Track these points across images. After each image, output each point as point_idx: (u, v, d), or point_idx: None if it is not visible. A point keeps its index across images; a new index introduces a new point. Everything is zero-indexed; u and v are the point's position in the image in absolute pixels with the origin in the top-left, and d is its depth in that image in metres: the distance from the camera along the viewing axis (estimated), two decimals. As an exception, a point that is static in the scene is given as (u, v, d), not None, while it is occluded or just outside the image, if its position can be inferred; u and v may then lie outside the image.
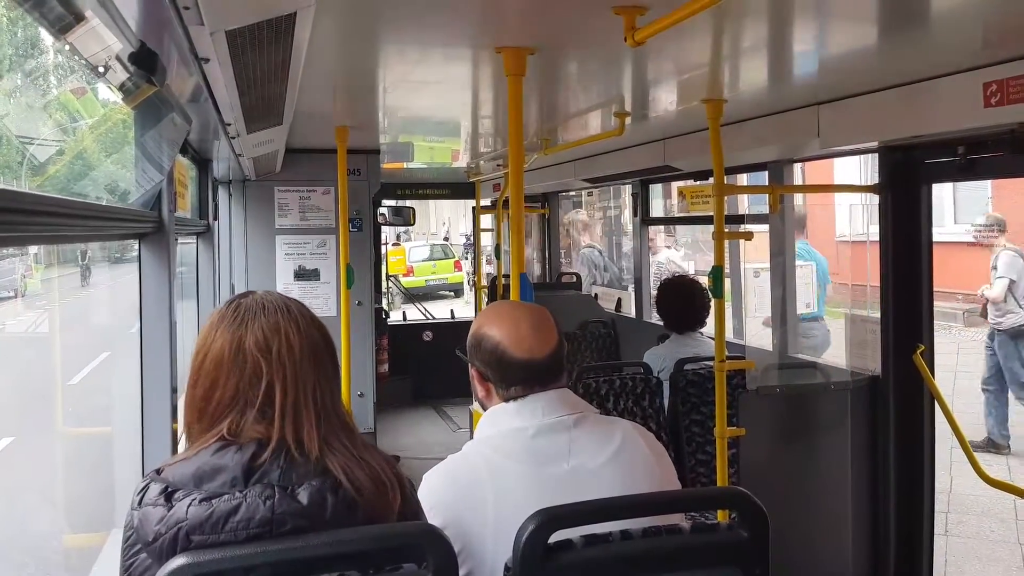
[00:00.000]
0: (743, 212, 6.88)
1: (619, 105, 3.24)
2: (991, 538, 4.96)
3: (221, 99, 2.13)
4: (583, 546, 1.32)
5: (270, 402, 1.28)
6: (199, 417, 1.31)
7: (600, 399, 3.46)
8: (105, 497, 2.64)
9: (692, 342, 3.79)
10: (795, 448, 3.14)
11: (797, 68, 2.61)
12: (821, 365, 3.34)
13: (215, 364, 1.30)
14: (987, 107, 2.27)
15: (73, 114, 2.82)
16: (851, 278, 3.81)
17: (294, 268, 4.99)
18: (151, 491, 1.22)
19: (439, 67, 2.57)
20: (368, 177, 5.06)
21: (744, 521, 1.39)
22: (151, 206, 2.30)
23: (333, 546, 1.20)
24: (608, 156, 5.03)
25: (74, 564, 2.69)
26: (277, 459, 1.25)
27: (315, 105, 3.19)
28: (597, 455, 1.54)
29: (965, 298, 11.66)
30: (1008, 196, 10.98)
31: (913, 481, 3.10)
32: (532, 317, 1.63)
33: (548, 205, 7.33)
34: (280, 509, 1.20)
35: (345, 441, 1.31)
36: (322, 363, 1.34)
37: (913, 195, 3.04)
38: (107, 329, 5.02)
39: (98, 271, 5.47)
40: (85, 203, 1.73)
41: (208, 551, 1.17)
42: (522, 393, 1.58)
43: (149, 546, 1.19)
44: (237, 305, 1.35)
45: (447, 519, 1.44)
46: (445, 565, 1.24)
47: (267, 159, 4.10)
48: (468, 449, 1.60)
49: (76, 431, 3.66)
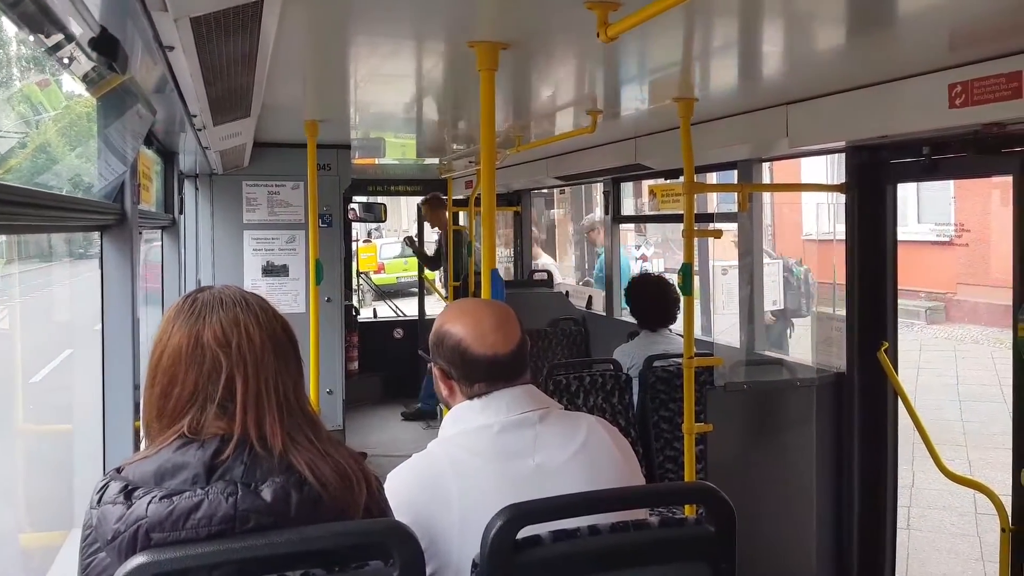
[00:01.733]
0: (712, 211, 6.94)
1: (591, 103, 3.24)
2: (951, 531, 5.07)
3: (187, 89, 2.09)
4: (551, 542, 1.32)
5: (231, 396, 1.26)
6: (158, 415, 1.28)
7: (570, 395, 3.47)
8: (65, 495, 2.58)
9: (662, 339, 3.82)
10: (761, 444, 3.18)
11: (767, 68, 2.63)
12: (788, 362, 3.38)
13: (172, 360, 1.27)
14: (952, 108, 2.31)
15: (36, 106, 2.75)
16: (817, 276, 3.86)
17: (262, 264, 4.93)
18: (111, 489, 1.19)
19: (411, 61, 2.55)
20: (339, 172, 5.02)
21: (711, 516, 1.40)
22: (113, 198, 2.25)
23: (298, 543, 1.18)
24: (580, 154, 5.04)
25: (33, 563, 2.63)
26: (240, 455, 1.23)
27: (284, 98, 3.15)
28: (562, 451, 1.54)
29: (928, 296, 11.92)
30: (968, 197, 11.23)
31: (877, 476, 3.15)
32: (494, 314, 1.62)
33: (520, 203, 7.33)
34: (243, 506, 1.17)
35: (310, 435, 1.29)
36: (284, 356, 1.31)
37: (879, 194, 3.08)
38: (70, 326, 4.91)
39: (61, 267, 5.35)
40: (44, 192, 1.68)
41: (168, 549, 1.14)
42: (486, 390, 1.57)
43: (108, 544, 1.17)
44: (194, 300, 1.32)
45: (413, 517, 1.43)
46: (412, 562, 1.23)
47: (235, 152, 4.04)
48: (433, 447, 1.59)
49: (36, 428, 3.58)
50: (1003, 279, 9.75)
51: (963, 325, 11.54)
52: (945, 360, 9.85)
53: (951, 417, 7.38)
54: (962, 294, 11.84)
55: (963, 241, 11.43)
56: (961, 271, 11.86)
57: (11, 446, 3.32)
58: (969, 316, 11.62)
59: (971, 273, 11.70)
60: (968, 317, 11.63)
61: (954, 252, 12.03)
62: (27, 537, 2.79)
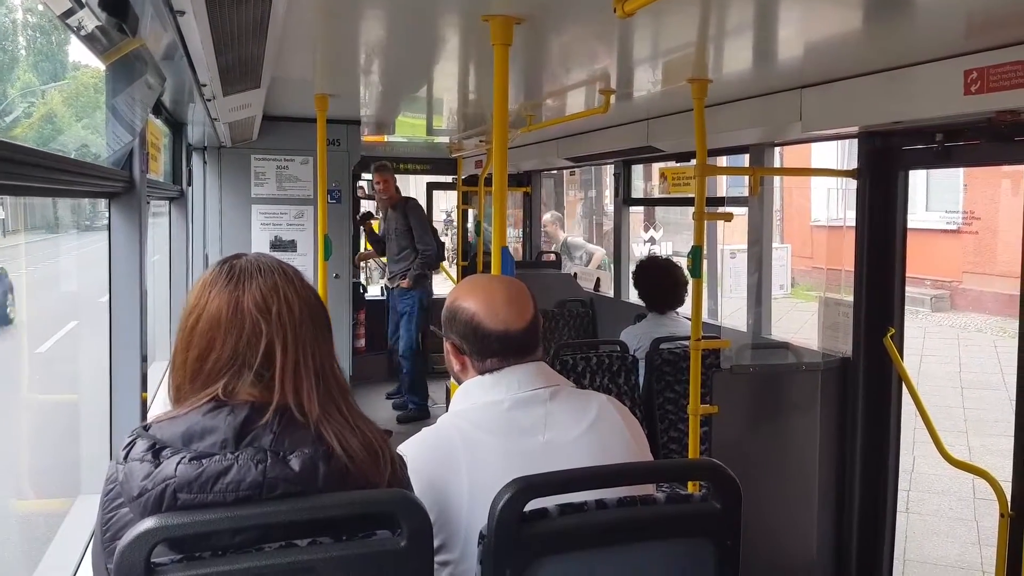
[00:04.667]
0: (722, 195, 6.91)
1: (605, 82, 3.22)
2: (949, 516, 5.09)
3: (196, 57, 2.08)
4: (558, 515, 1.33)
5: (268, 364, 1.26)
6: (192, 379, 1.27)
7: (576, 376, 3.48)
8: (72, 463, 2.60)
9: (669, 322, 3.82)
10: (766, 426, 3.18)
11: (782, 50, 2.60)
12: (794, 346, 3.38)
13: (211, 324, 1.26)
14: (967, 95, 2.29)
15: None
16: (826, 262, 3.85)
17: (270, 238, 4.93)
18: (138, 446, 1.20)
19: (424, 34, 2.53)
20: (348, 148, 5.00)
21: (717, 493, 1.40)
22: (121, 165, 2.24)
23: (306, 511, 1.19)
24: (591, 135, 5.01)
25: (38, 529, 2.66)
26: (271, 424, 1.23)
27: (294, 70, 3.13)
28: (572, 428, 1.54)
29: (933, 284, 11.89)
30: (979, 186, 11.16)
31: (878, 460, 3.16)
32: (507, 289, 1.62)
33: (530, 184, 7.31)
34: (272, 474, 1.18)
35: (342, 406, 1.29)
36: (320, 325, 1.32)
37: (890, 181, 3.06)
38: (76, 298, 4.93)
39: (67, 239, 5.36)
40: (53, 154, 1.67)
41: (178, 514, 1.15)
42: (498, 366, 1.57)
43: (134, 501, 1.17)
44: (231, 266, 1.31)
45: (422, 489, 1.44)
46: (419, 532, 1.23)
47: (244, 125, 4.03)
48: (443, 422, 1.59)
49: (42, 398, 3.61)
50: (1009, 268, 9.71)
51: (968, 313, 11.52)
52: (949, 348, 9.84)
53: (953, 404, 7.39)
54: (968, 283, 11.81)
55: (972, 229, 11.36)
56: (967, 260, 11.82)
57: (17, 415, 3.34)
58: (974, 305, 11.60)
59: (977, 262, 11.66)
60: (973, 306, 11.60)
61: (961, 241, 11.98)
62: (32, 504, 2.81)
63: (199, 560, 1.15)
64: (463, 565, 1.44)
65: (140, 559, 1.11)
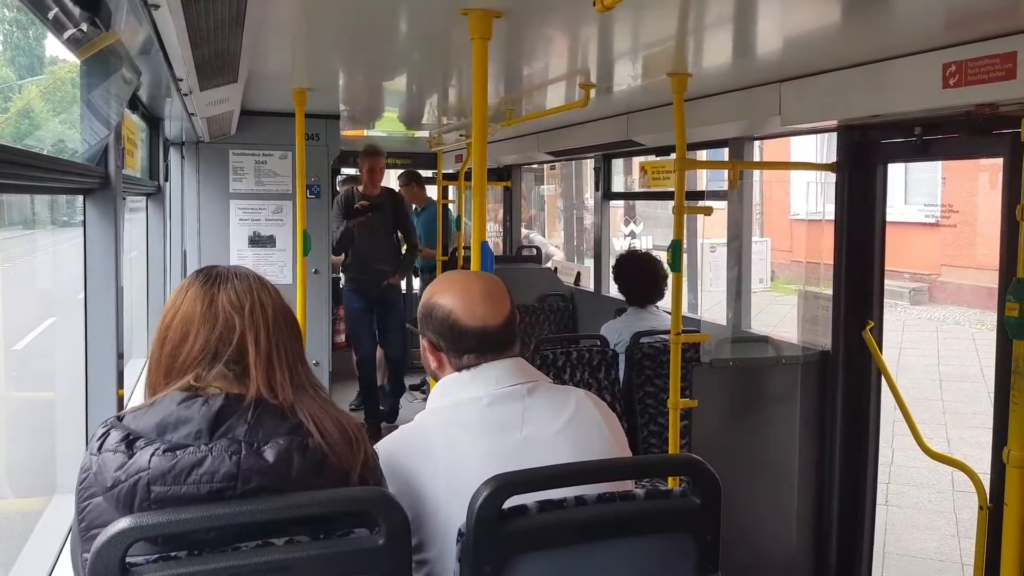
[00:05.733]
0: (702, 189, 6.94)
1: (585, 76, 3.21)
2: (928, 508, 5.16)
3: (172, 51, 2.05)
4: (537, 511, 1.32)
5: (240, 357, 1.28)
6: (166, 374, 1.30)
7: (557, 370, 3.48)
8: (48, 462, 2.57)
9: (649, 316, 3.83)
10: (745, 420, 3.20)
11: (761, 43, 2.61)
12: (774, 340, 3.39)
13: (185, 320, 1.30)
14: (945, 88, 2.30)
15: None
16: (805, 255, 3.87)
17: (248, 234, 4.88)
18: (111, 437, 1.20)
19: (402, 28, 2.51)
20: (327, 143, 4.96)
21: (697, 488, 1.41)
22: (97, 161, 2.21)
23: (284, 510, 1.19)
24: (571, 129, 5.01)
25: (14, 528, 2.63)
26: (244, 415, 1.24)
27: (272, 64, 3.10)
28: (551, 424, 1.54)
29: (912, 277, 12.02)
30: (956, 180, 11.29)
31: (858, 453, 3.19)
32: (484, 285, 1.61)
33: (511, 178, 7.29)
34: (246, 465, 1.18)
35: (314, 395, 1.32)
36: (293, 331, 1.37)
37: (869, 174, 3.08)
38: (52, 295, 4.86)
39: (44, 235, 5.28)
40: (26, 151, 1.64)
41: (153, 514, 1.14)
42: (475, 362, 1.57)
43: (107, 492, 1.17)
44: (208, 271, 1.36)
45: (399, 488, 1.43)
46: (397, 531, 1.23)
47: (222, 120, 3.98)
48: (421, 419, 1.58)
49: (18, 395, 3.56)
50: (987, 261, 9.85)
51: (946, 306, 11.66)
52: (927, 341, 9.96)
53: (932, 397, 7.48)
54: (946, 276, 11.95)
55: (951, 222, 11.50)
56: (946, 253, 11.95)
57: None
58: (952, 298, 11.74)
59: (956, 255, 11.79)
60: (951, 298, 11.75)
61: (939, 234, 12.12)
62: (8, 503, 2.78)
63: (175, 560, 1.15)
64: (440, 564, 1.43)
65: (115, 559, 1.10)
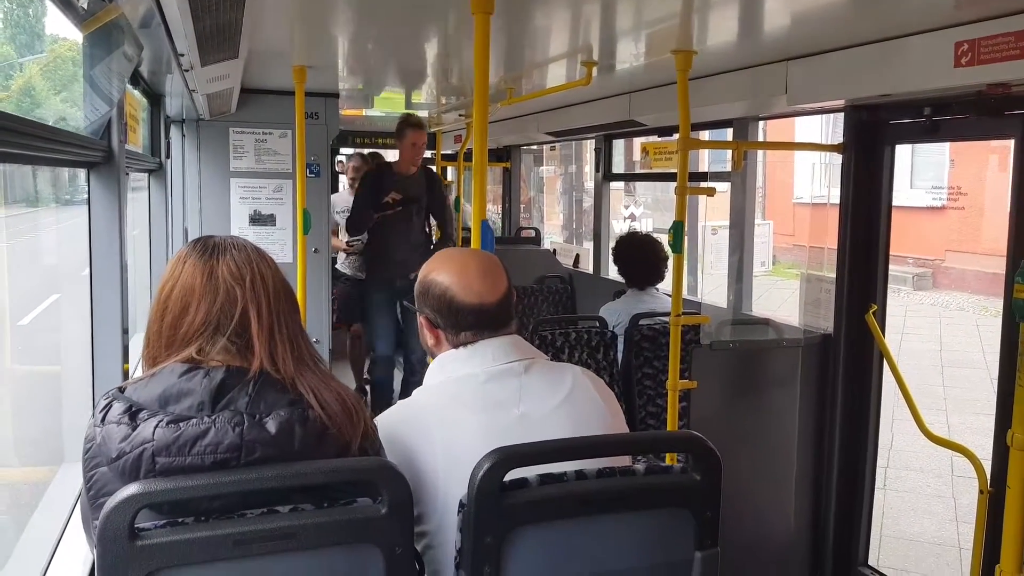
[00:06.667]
0: (703, 170, 6.91)
1: (587, 53, 3.18)
2: (927, 492, 5.17)
3: (174, 24, 2.03)
4: (538, 484, 1.33)
5: (243, 330, 1.28)
6: (167, 345, 1.30)
7: (555, 351, 3.48)
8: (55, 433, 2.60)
9: (648, 298, 3.82)
10: (745, 402, 3.20)
11: (768, 21, 2.58)
12: (774, 322, 3.39)
13: (185, 291, 1.29)
14: (957, 67, 2.26)
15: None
16: (809, 240, 3.86)
17: (249, 212, 4.87)
18: (115, 409, 1.21)
19: (403, 3, 2.49)
20: (327, 122, 4.93)
21: (697, 465, 1.41)
22: (100, 136, 2.20)
23: (288, 479, 1.19)
24: (572, 109, 4.98)
25: (23, 498, 2.67)
26: (246, 387, 1.24)
27: (272, 41, 3.08)
28: (547, 401, 1.54)
29: (916, 262, 11.99)
30: (964, 163, 11.23)
31: (857, 436, 3.19)
32: (481, 263, 1.62)
33: (510, 159, 7.27)
34: (249, 436, 1.19)
35: (315, 369, 1.33)
36: (291, 302, 1.37)
37: (876, 156, 3.06)
38: (57, 271, 4.87)
39: (47, 213, 5.29)
40: (31, 121, 1.64)
41: (162, 480, 1.15)
42: (472, 339, 1.57)
43: (112, 463, 1.18)
44: (205, 242, 1.36)
45: (397, 462, 1.43)
46: (400, 502, 1.24)
47: (222, 97, 3.96)
48: (418, 395, 1.59)
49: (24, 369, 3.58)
50: (994, 246, 9.81)
51: (950, 292, 11.65)
52: (930, 326, 9.96)
53: (933, 382, 7.49)
54: (951, 261, 11.92)
55: (959, 205, 11.44)
56: (951, 238, 11.92)
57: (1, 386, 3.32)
58: (956, 283, 11.72)
59: (961, 240, 11.76)
60: (955, 284, 11.73)
61: (944, 219, 12.08)
62: (17, 472, 2.82)
63: (183, 525, 1.16)
64: (440, 536, 1.44)
65: (124, 523, 1.11)
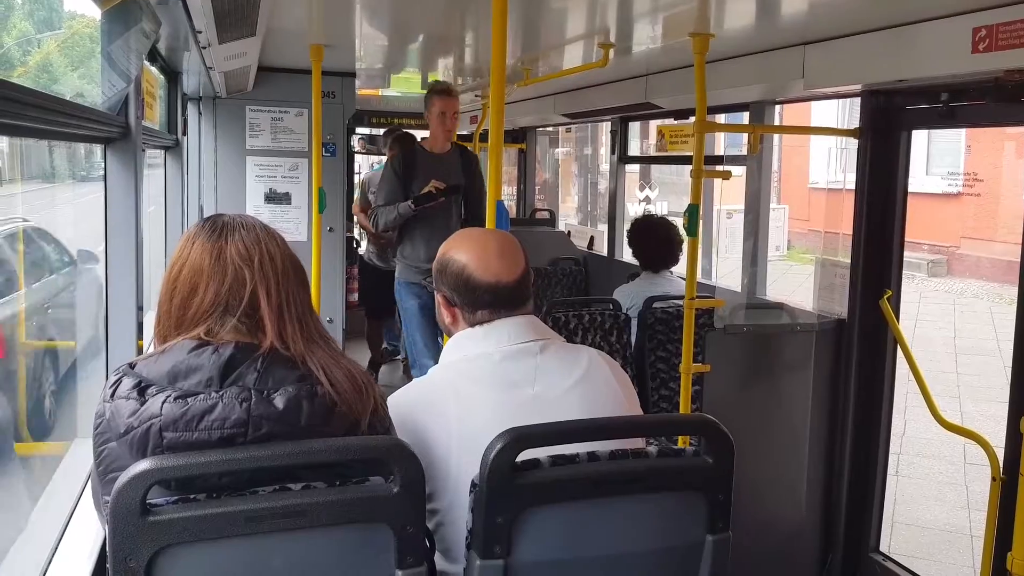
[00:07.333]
0: (719, 154, 6.86)
1: (604, 35, 3.16)
2: (939, 479, 5.16)
3: (192, 1, 2.03)
4: (550, 465, 1.34)
5: (253, 311, 1.29)
6: (177, 325, 1.31)
7: (569, 333, 3.49)
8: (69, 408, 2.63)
9: (663, 281, 3.82)
10: (758, 386, 3.20)
11: (786, 4, 2.56)
12: (788, 307, 3.38)
13: (194, 272, 1.30)
14: (975, 53, 2.24)
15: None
16: (824, 225, 3.84)
17: (265, 191, 4.89)
18: (124, 384, 1.22)
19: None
20: (343, 101, 4.93)
21: (710, 448, 1.41)
22: (117, 111, 2.21)
23: (300, 456, 1.21)
24: (588, 91, 4.95)
25: (35, 472, 2.71)
26: (254, 364, 1.25)
27: (290, 19, 3.07)
28: (562, 381, 1.55)
29: (931, 249, 11.89)
30: (981, 150, 11.09)
31: (870, 422, 3.19)
32: (499, 242, 1.62)
33: (525, 140, 7.24)
34: (256, 412, 1.20)
35: (324, 347, 1.34)
36: (300, 280, 1.37)
37: (893, 141, 3.03)
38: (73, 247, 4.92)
39: (64, 189, 5.33)
40: (49, 95, 1.65)
41: (173, 456, 1.16)
42: (489, 318, 1.58)
43: (121, 438, 1.20)
44: (214, 221, 1.36)
45: (409, 440, 1.44)
46: (412, 480, 1.24)
47: (239, 75, 3.97)
48: (433, 373, 1.60)
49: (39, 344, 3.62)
50: (1009, 234, 9.70)
51: (964, 279, 11.55)
52: (944, 313, 9.89)
53: (947, 369, 7.44)
54: (966, 248, 11.81)
55: (975, 191, 11.30)
56: (966, 225, 11.80)
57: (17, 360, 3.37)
58: (971, 270, 11.61)
59: (976, 227, 11.64)
60: (970, 271, 11.62)
61: (960, 206, 11.95)
62: (31, 446, 2.86)
63: (195, 502, 1.17)
64: (450, 515, 1.45)
65: (136, 499, 1.13)
